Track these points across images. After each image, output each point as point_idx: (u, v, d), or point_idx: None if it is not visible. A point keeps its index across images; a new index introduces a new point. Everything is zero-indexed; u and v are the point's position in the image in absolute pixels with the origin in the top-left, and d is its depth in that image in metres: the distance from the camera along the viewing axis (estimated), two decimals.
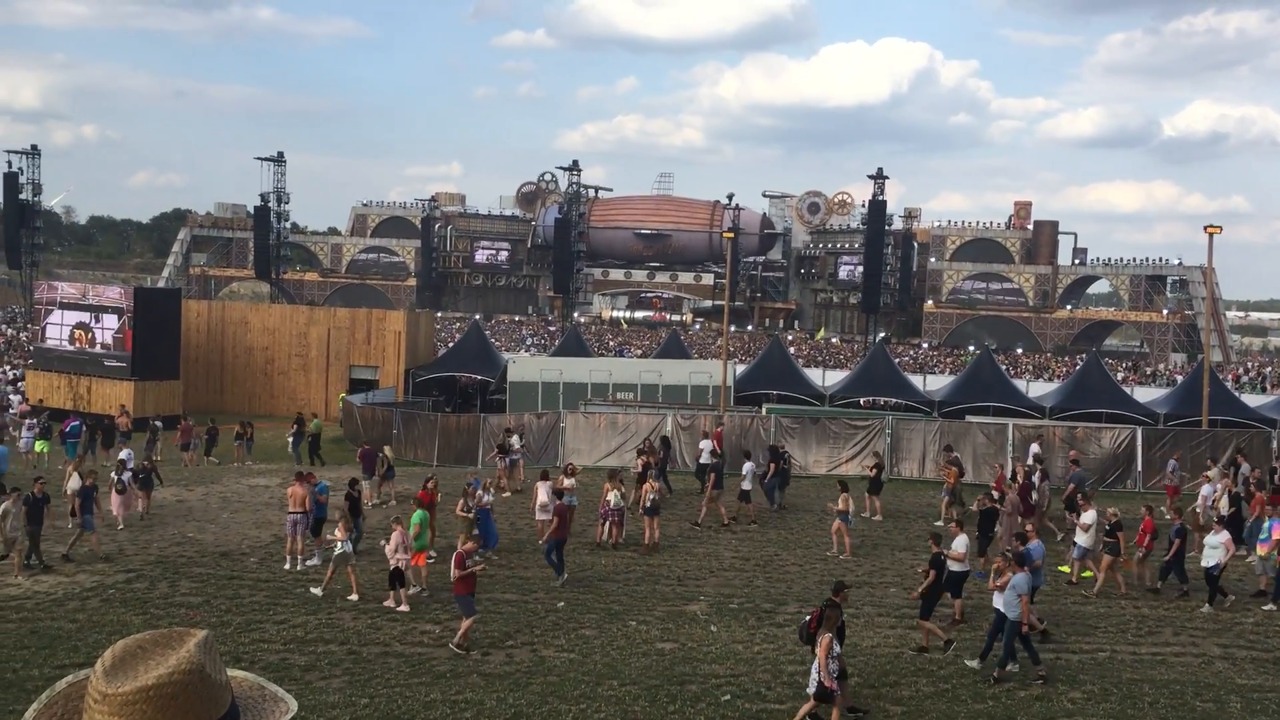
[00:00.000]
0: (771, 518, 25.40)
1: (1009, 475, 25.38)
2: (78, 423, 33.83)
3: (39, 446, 33.48)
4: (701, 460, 27.27)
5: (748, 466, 25.38)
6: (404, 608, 17.35)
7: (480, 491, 21.20)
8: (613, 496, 22.31)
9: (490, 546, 20.78)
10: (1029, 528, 18.21)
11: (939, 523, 23.63)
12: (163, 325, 43.63)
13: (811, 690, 12.23)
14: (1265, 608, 18.46)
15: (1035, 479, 24.16)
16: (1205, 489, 24.32)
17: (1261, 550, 19.36)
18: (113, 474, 24.22)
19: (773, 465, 26.69)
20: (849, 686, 12.94)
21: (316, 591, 18.22)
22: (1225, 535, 18.52)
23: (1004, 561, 15.12)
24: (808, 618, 13.37)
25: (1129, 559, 19.50)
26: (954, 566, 16.97)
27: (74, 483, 22.44)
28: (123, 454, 27.44)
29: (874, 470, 26.42)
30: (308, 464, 32.66)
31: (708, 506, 24.97)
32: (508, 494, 27.59)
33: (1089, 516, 19.81)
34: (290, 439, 34.44)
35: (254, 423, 36.37)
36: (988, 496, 22.24)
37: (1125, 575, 19.41)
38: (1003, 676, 14.40)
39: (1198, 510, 23.08)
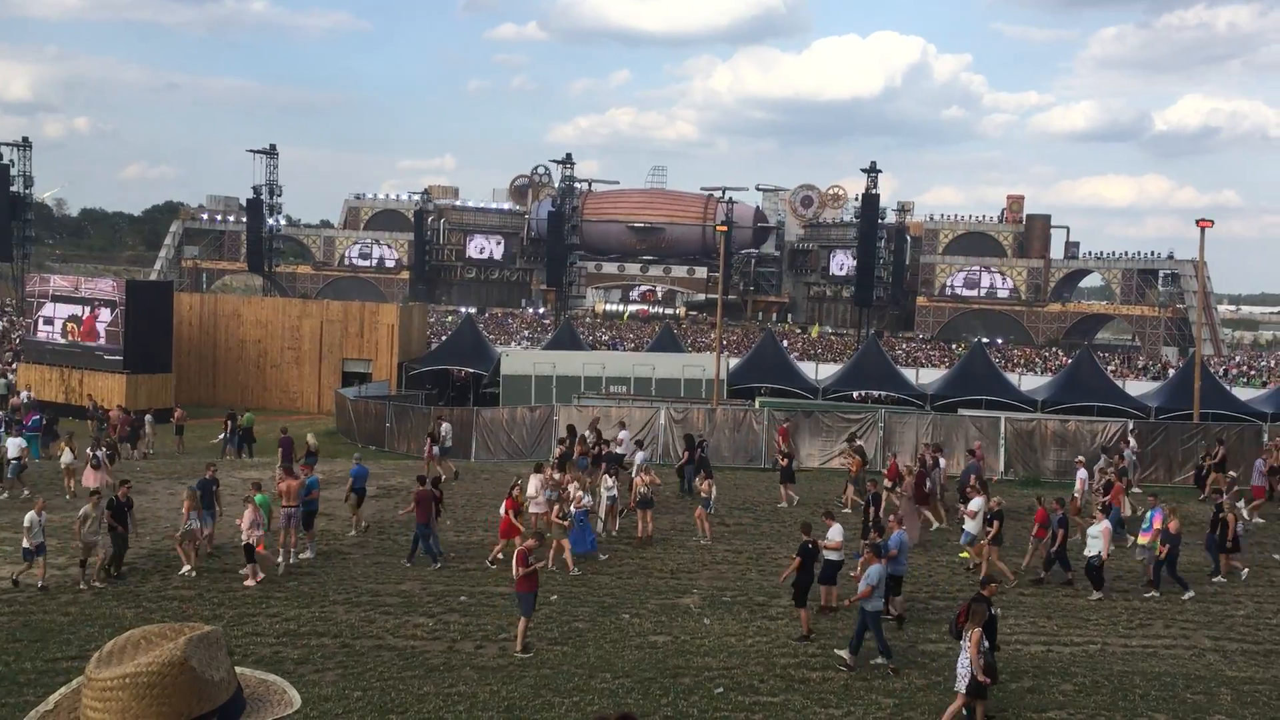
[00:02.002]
0: (767, 513, 25.44)
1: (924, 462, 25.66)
2: (39, 416, 33.63)
3: None
4: (620, 450, 27.74)
5: (640, 456, 26.28)
6: (254, 581, 18.27)
7: (579, 493, 21.03)
8: (572, 488, 22.44)
9: (589, 550, 20.55)
10: (891, 519, 18.33)
11: (846, 510, 24.46)
12: (155, 318, 43.50)
13: (962, 687, 12.13)
14: (1147, 595, 18.69)
15: (936, 467, 24.91)
16: (1080, 473, 24.87)
17: (1143, 539, 19.63)
18: (88, 450, 25.77)
19: (687, 454, 27.52)
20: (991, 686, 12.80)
21: (189, 570, 18.80)
22: (1105, 525, 18.74)
23: (870, 552, 15.31)
24: (956, 614, 13.31)
25: (996, 548, 19.81)
26: (829, 555, 17.06)
27: (66, 457, 25.54)
28: (9, 442, 27.42)
29: (784, 460, 26.85)
30: (242, 457, 32.59)
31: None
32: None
33: (976, 504, 20.28)
34: (223, 435, 33.98)
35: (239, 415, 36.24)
36: (873, 482, 23.15)
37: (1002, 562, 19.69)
38: (889, 668, 14.43)
39: (1075, 496, 23.32)
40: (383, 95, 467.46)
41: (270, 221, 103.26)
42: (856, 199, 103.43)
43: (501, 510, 20.48)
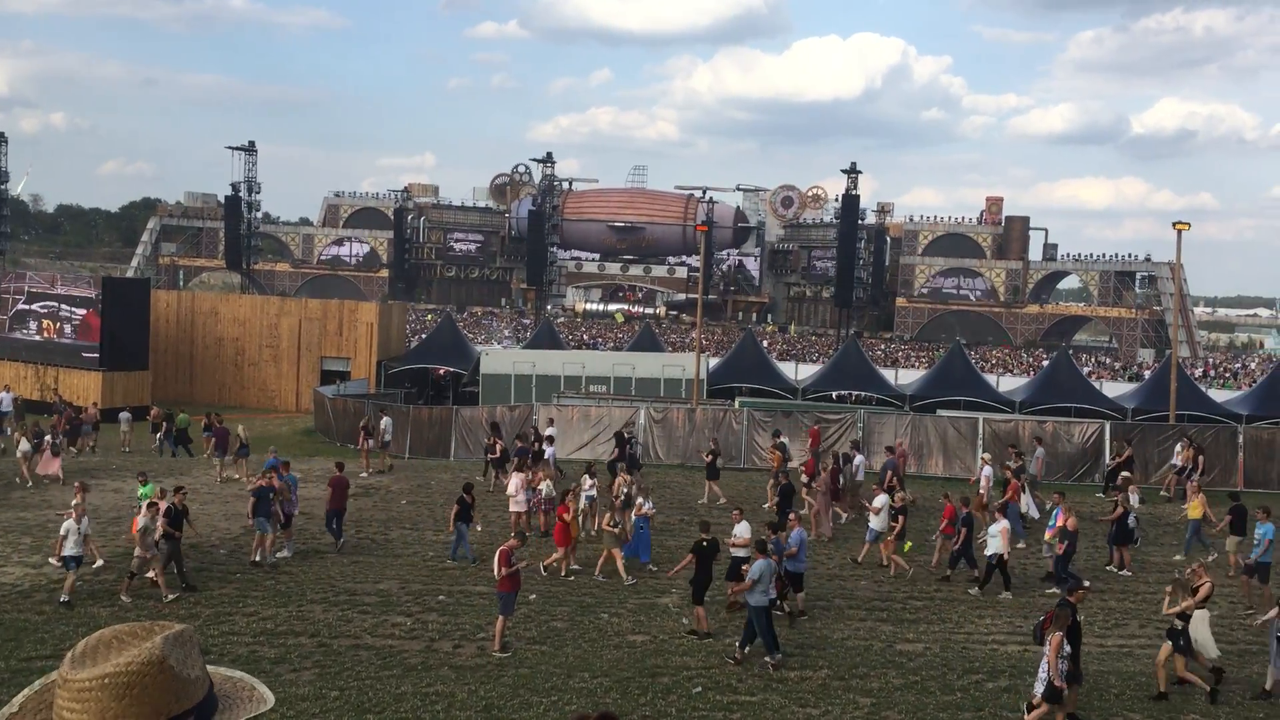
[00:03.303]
0: (747, 513, 25.41)
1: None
2: None
3: None
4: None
5: (549, 451, 26.59)
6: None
7: (640, 499, 20.36)
8: (544, 486, 22.41)
9: (642, 559, 19.99)
10: (792, 516, 18.43)
11: (766, 505, 24.44)
12: (132, 315, 43.23)
13: (1040, 691, 12.05)
14: (1049, 590, 18.91)
15: (849, 464, 25.39)
16: (986, 470, 25.26)
17: (1048, 535, 19.92)
18: (46, 437, 27.68)
19: (617, 451, 27.68)
20: (1078, 691, 12.74)
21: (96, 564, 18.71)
22: (1003, 524, 18.95)
23: (756, 548, 15.46)
24: (1042, 618, 13.32)
25: (893, 543, 20.16)
26: (736, 553, 16.92)
27: (24, 446, 26.79)
28: None
29: (710, 457, 27.00)
30: (181, 456, 32.40)
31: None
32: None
33: (879, 501, 20.56)
34: (160, 434, 33.84)
35: (222, 414, 36.02)
36: (785, 475, 23.67)
37: (905, 556, 20.07)
38: (778, 664, 14.52)
39: (981, 494, 23.62)
40: (362, 92, 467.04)
41: (248, 219, 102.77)
42: (836, 200, 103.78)
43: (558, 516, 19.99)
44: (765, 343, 66.21)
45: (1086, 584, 15.89)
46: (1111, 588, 19.57)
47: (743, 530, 17.25)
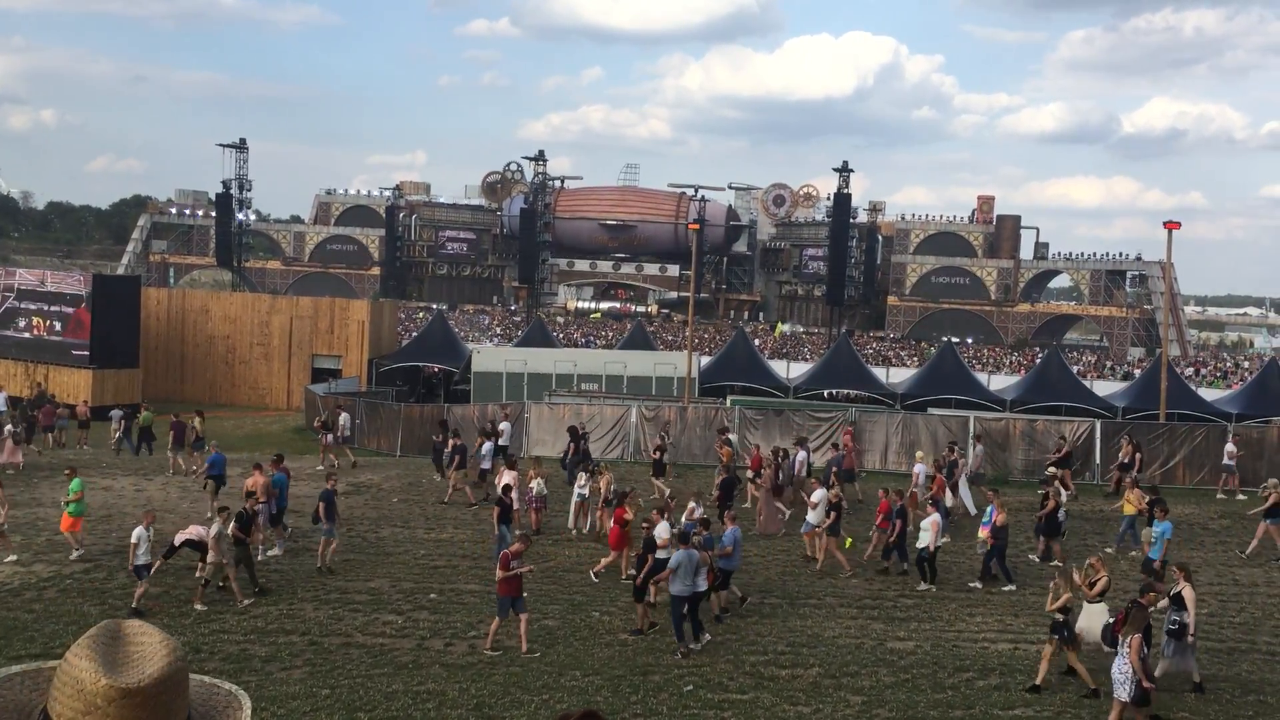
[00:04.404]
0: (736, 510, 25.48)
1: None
2: None
3: None
4: (503, 442, 28.16)
5: (486, 446, 26.49)
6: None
7: (691, 503, 19.65)
8: (535, 484, 22.38)
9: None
10: (728, 514, 18.49)
11: (711, 499, 24.45)
12: (122, 313, 43.10)
13: (1127, 695, 11.93)
14: (970, 585, 19.15)
15: (788, 459, 25.57)
16: (918, 467, 25.59)
17: (982, 534, 19.99)
18: (7, 426, 28.85)
19: (572, 446, 27.80)
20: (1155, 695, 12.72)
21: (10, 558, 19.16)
22: (934, 518, 19.17)
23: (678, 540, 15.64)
24: (1112, 620, 13.30)
25: (834, 538, 20.25)
26: (658, 554, 16.71)
27: None
28: None
29: (657, 454, 27.28)
30: (143, 455, 32.34)
31: (454, 486, 25.93)
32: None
33: (817, 495, 20.74)
34: (119, 433, 33.67)
35: (205, 412, 35.89)
36: (726, 469, 24.21)
37: (846, 553, 20.18)
38: (686, 653, 14.83)
39: (915, 490, 23.77)
40: (353, 90, 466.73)
41: (239, 216, 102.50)
42: (828, 198, 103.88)
43: (611, 521, 19.70)
44: (758, 342, 66.21)
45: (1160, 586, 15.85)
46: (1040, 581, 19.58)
47: (662, 530, 17.07)
